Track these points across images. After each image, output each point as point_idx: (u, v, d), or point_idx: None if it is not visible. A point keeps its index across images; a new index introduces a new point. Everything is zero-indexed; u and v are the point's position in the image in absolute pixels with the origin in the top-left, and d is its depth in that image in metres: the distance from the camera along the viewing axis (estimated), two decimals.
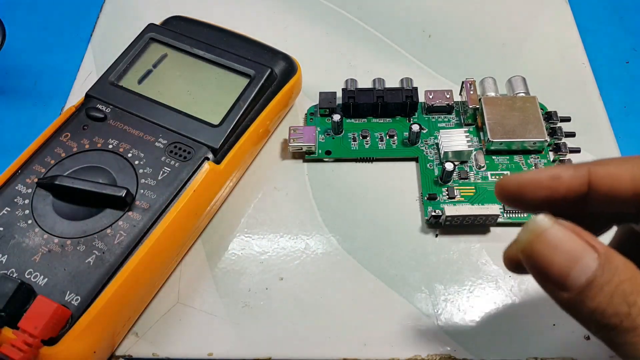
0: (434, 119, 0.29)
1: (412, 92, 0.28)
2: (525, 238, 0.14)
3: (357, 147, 0.27)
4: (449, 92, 0.28)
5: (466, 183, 0.26)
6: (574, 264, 0.14)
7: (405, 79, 0.29)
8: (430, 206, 0.26)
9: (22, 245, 0.21)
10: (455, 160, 0.27)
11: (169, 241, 0.22)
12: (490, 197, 0.26)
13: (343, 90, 0.28)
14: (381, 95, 0.28)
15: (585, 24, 0.35)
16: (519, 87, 0.28)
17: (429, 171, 0.27)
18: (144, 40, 0.27)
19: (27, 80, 0.32)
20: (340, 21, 0.35)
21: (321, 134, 0.28)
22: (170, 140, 0.24)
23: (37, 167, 0.23)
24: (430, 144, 0.28)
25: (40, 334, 0.18)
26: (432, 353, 0.22)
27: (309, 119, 0.29)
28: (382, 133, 0.28)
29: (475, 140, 0.28)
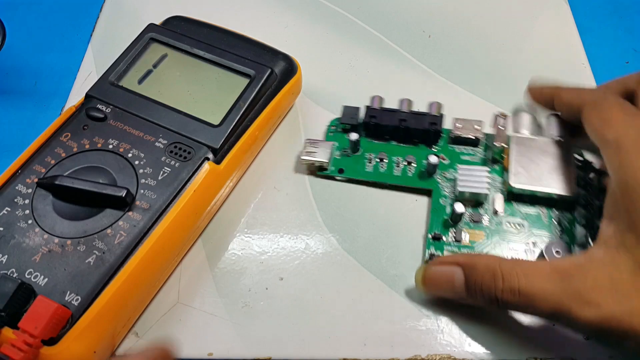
0: (458, 150, 0.27)
1: (438, 120, 0.26)
2: (418, 285, 0.22)
3: (371, 169, 0.26)
4: (480, 124, 0.26)
5: (477, 227, 0.24)
6: (452, 282, 0.21)
7: (434, 103, 0.27)
8: (432, 246, 0.24)
9: (23, 245, 0.21)
10: (470, 200, 0.24)
11: (169, 241, 0.22)
12: (500, 247, 0.24)
13: (367, 107, 0.27)
14: (404, 118, 0.26)
15: (585, 24, 0.35)
16: (554, 128, 0.25)
17: (440, 207, 0.25)
18: (144, 41, 0.27)
19: (27, 80, 0.32)
20: (340, 21, 0.35)
21: (337, 150, 0.27)
22: (170, 140, 0.24)
23: (37, 167, 0.23)
24: (448, 177, 0.26)
25: (41, 334, 0.18)
26: (432, 353, 0.22)
27: (329, 133, 0.28)
28: (400, 158, 0.26)
29: (498, 180, 0.25)
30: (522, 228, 0.24)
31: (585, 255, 0.20)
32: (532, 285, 0.19)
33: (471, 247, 0.24)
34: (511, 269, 0.19)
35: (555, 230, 0.24)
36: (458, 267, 0.21)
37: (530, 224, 0.24)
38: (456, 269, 0.21)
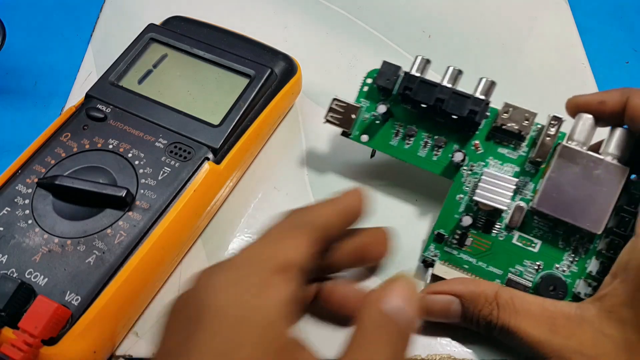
0: (498, 140, 0.23)
1: (481, 107, 0.22)
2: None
3: (396, 143, 0.24)
4: (532, 116, 0.22)
5: (484, 235, 0.22)
6: (446, 313, 0.21)
7: (487, 82, 0.22)
8: (433, 244, 0.23)
9: (23, 245, 0.21)
10: (487, 208, 0.22)
11: (169, 241, 0.22)
12: (501, 262, 0.22)
13: (404, 74, 0.23)
14: (443, 98, 0.22)
15: (585, 24, 0.35)
16: (614, 146, 0.21)
17: (454, 204, 0.23)
18: (144, 41, 0.27)
19: (27, 81, 0.32)
20: (340, 21, 0.35)
21: (367, 112, 0.24)
22: (170, 140, 0.24)
23: (37, 167, 0.23)
24: (475, 170, 0.23)
25: (41, 334, 0.18)
26: (432, 353, 0.22)
27: (363, 88, 0.25)
28: (430, 138, 0.24)
29: (530, 188, 0.22)
30: (532, 247, 0.22)
31: (578, 308, 0.19)
32: (519, 326, 0.19)
33: (471, 255, 0.22)
34: (506, 302, 0.20)
35: (567, 257, 0.22)
36: (455, 297, 0.21)
37: (543, 245, 0.22)
38: (453, 300, 0.21)
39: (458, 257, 0.23)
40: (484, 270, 0.22)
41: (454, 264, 0.23)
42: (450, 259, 0.23)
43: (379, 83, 0.24)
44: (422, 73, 0.23)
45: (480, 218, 0.23)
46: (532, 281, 0.22)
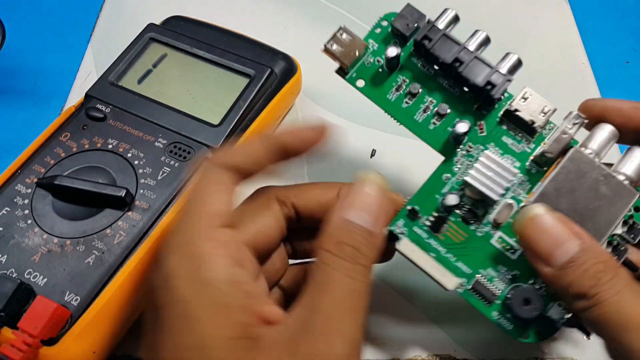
0: (505, 127, 0.21)
1: (501, 81, 0.20)
2: (520, 219, 0.18)
3: (393, 99, 0.21)
4: (550, 109, 0.20)
5: (462, 226, 0.20)
6: (557, 246, 0.17)
7: (513, 57, 0.20)
8: (402, 220, 0.20)
9: (22, 245, 0.21)
10: (475, 197, 0.20)
11: None
12: (473, 260, 0.20)
13: (428, 22, 0.21)
14: (462, 60, 0.20)
15: (585, 23, 0.35)
16: (631, 167, 0.19)
17: (439, 183, 0.20)
18: (144, 40, 0.27)
19: (27, 80, 0.32)
20: (340, 21, 0.35)
21: (372, 56, 0.21)
22: (170, 140, 0.24)
23: (36, 167, 0.23)
24: (472, 152, 0.20)
25: (40, 334, 0.18)
26: (432, 353, 0.22)
27: (376, 29, 0.22)
28: (434, 102, 0.21)
29: (526, 187, 0.20)
30: (511, 253, 0.20)
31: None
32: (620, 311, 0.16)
33: (441, 243, 0.20)
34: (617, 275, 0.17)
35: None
36: (578, 239, 0.17)
37: (524, 255, 0.19)
38: (573, 239, 0.17)
39: (426, 242, 0.20)
40: (450, 265, 0.19)
41: (419, 247, 0.20)
42: (417, 243, 0.20)
43: (396, 25, 0.21)
44: (446, 28, 0.21)
45: (463, 206, 0.20)
46: (502, 290, 0.19)
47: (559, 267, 0.17)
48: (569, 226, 0.17)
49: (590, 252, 0.17)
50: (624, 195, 0.18)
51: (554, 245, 0.17)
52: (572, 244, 0.17)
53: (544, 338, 0.19)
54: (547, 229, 0.17)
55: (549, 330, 0.19)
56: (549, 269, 0.17)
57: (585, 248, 0.17)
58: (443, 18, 0.21)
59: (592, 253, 0.17)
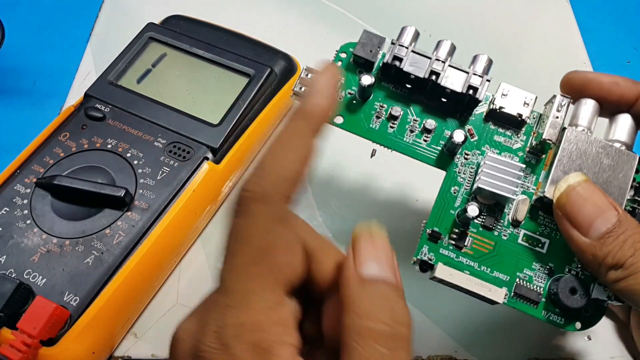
0: (493, 126, 0.20)
1: (481, 83, 0.19)
2: (562, 187, 0.18)
3: (377, 126, 0.20)
4: (531, 99, 0.20)
5: (486, 234, 0.19)
6: (597, 215, 0.17)
7: (483, 57, 0.20)
8: (426, 246, 0.19)
9: (21, 246, 0.21)
10: (488, 201, 0.20)
11: (168, 241, 0.22)
12: (507, 266, 0.19)
13: (393, 42, 0.20)
14: (438, 71, 0.19)
15: (586, 23, 0.35)
16: (622, 133, 0.20)
17: (449, 198, 0.20)
18: (143, 40, 0.27)
19: (26, 80, 0.32)
20: (340, 20, 0.35)
21: (343, 90, 0.21)
22: (169, 140, 0.24)
23: (35, 167, 0.23)
24: (471, 159, 0.20)
25: (39, 335, 0.18)
26: (433, 354, 0.22)
27: (337, 61, 0.21)
28: (418, 121, 0.20)
29: (531, 179, 0.20)
30: (540, 247, 0.19)
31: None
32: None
33: (472, 257, 0.19)
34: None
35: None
36: (615, 210, 0.17)
37: (552, 245, 0.19)
38: (612, 210, 0.17)
39: (457, 262, 0.19)
40: (488, 277, 0.19)
41: (454, 268, 0.19)
42: (449, 264, 0.19)
43: (359, 54, 0.20)
44: (410, 45, 0.20)
45: (481, 213, 0.20)
46: (544, 287, 0.19)
47: (598, 237, 0.17)
48: (606, 196, 0.18)
49: (627, 223, 0.17)
50: (626, 160, 0.19)
51: (594, 215, 0.17)
52: (611, 214, 0.17)
53: (597, 321, 0.19)
54: (588, 197, 0.18)
55: (598, 311, 0.19)
56: (586, 239, 0.17)
57: (622, 219, 0.17)
58: (405, 36, 0.20)
59: (629, 224, 0.17)
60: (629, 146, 0.20)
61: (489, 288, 0.19)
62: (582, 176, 0.18)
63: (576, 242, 0.17)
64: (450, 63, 0.20)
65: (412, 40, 0.20)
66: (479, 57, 0.20)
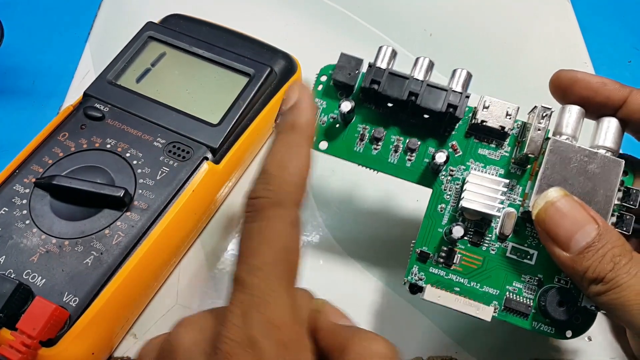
0: (477, 140, 0.20)
1: (460, 101, 0.19)
2: (540, 204, 0.18)
3: (361, 149, 0.21)
4: (513, 110, 0.20)
5: (474, 250, 0.20)
6: (576, 230, 0.17)
7: (462, 72, 0.20)
8: (416, 266, 0.20)
9: (20, 246, 0.21)
10: (475, 217, 0.20)
11: (168, 242, 0.22)
12: (497, 280, 0.19)
13: (369, 67, 0.20)
14: (416, 92, 0.19)
15: (587, 22, 0.35)
16: (608, 139, 0.19)
17: (436, 216, 0.20)
18: (143, 39, 0.27)
19: (25, 80, 0.32)
20: (340, 19, 0.35)
21: (324, 114, 0.21)
22: (168, 139, 0.24)
23: (34, 166, 0.23)
24: (456, 175, 0.20)
25: (39, 335, 0.18)
26: (433, 355, 0.22)
27: (317, 87, 0.21)
28: (401, 140, 0.21)
29: (517, 191, 0.20)
30: (528, 259, 0.20)
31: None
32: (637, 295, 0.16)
33: (461, 274, 0.20)
34: (632, 258, 0.17)
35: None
36: (595, 223, 0.17)
37: (540, 256, 0.19)
38: (592, 223, 0.17)
39: (447, 279, 0.19)
40: (478, 292, 0.19)
41: (443, 287, 0.19)
42: (439, 282, 0.19)
43: (338, 78, 0.20)
44: (388, 66, 0.20)
45: (468, 230, 0.20)
46: (533, 299, 0.19)
47: (578, 252, 0.17)
48: (586, 209, 0.18)
49: (607, 236, 0.17)
50: (612, 166, 0.19)
51: (573, 230, 0.17)
52: (590, 227, 0.17)
53: (587, 328, 0.19)
54: (567, 212, 0.17)
55: (588, 319, 0.19)
56: (567, 254, 0.17)
57: (602, 232, 0.17)
58: (382, 57, 0.20)
59: (609, 237, 0.17)
60: (615, 151, 0.19)
61: (477, 307, 0.19)
62: (560, 191, 0.18)
63: (557, 257, 0.18)
64: (429, 81, 0.20)
65: (390, 60, 0.20)
66: (457, 72, 0.20)
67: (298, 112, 0.16)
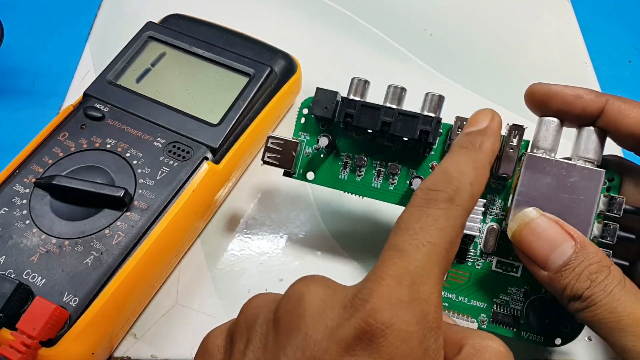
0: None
1: (432, 125, 0.20)
2: (514, 226, 0.18)
3: (346, 177, 0.22)
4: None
5: (460, 266, 0.20)
6: (553, 249, 0.17)
7: (434, 97, 0.20)
8: None
9: (20, 246, 0.21)
10: None
11: (168, 242, 0.22)
12: (483, 294, 0.20)
13: (342, 100, 0.21)
14: (389, 121, 0.20)
15: (587, 22, 0.35)
16: (588, 149, 0.19)
17: None
18: (143, 39, 0.27)
19: (25, 80, 0.32)
20: (340, 19, 0.35)
21: (309, 146, 0.22)
22: (168, 139, 0.24)
23: (34, 166, 0.23)
24: None
25: (39, 336, 0.18)
26: None
27: (300, 119, 0.22)
28: (383, 165, 0.21)
29: (498, 205, 0.20)
30: (513, 272, 0.20)
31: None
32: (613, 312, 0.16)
33: (449, 290, 0.20)
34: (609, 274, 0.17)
35: None
36: (572, 240, 0.17)
37: (525, 268, 0.19)
38: (568, 241, 0.17)
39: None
40: (466, 306, 0.20)
41: None
42: None
43: (316, 113, 0.21)
44: (361, 96, 0.21)
45: None
46: (521, 310, 0.20)
47: (555, 271, 0.17)
48: (562, 226, 0.18)
49: (584, 252, 0.17)
50: (592, 177, 0.19)
51: (549, 249, 0.17)
52: (566, 246, 0.17)
53: (576, 335, 0.19)
54: (542, 232, 0.18)
55: (576, 328, 0.19)
56: (545, 273, 0.17)
57: (578, 250, 0.17)
58: (354, 88, 0.21)
59: (586, 254, 0.17)
60: (595, 161, 0.19)
61: (461, 322, 0.20)
62: (534, 212, 0.18)
63: (537, 276, 0.18)
64: (400, 109, 0.20)
65: (363, 91, 0.21)
66: (429, 97, 0.20)
67: (487, 136, 0.18)
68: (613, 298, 0.16)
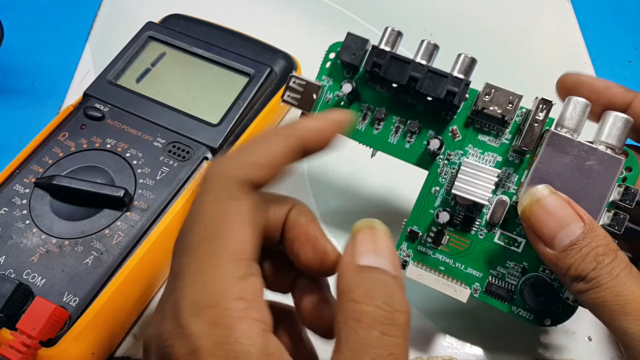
0: (478, 125, 0.20)
1: (460, 87, 0.19)
2: (526, 201, 0.18)
3: (363, 127, 0.21)
4: (517, 99, 0.19)
5: (463, 234, 0.20)
6: (561, 228, 0.17)
7: (467, 58, 0.20)
8: (405, 243, 0.20)
9: (20, 246, 0.21)
10: (466, 203, 0.20)
11: (168, 242, 0.22)
12: (481, 263, 0.20)
13: (372, 49, 0.20)
14: (417, 77, 0.19)
15: (587, 22, 0.35)
16: (611, 135, 0.19)
17: (429, 198, 0.21)
18: (143, 39, 0.27)
19: (25, 80, 0.32)
20: (340, 19, 0.35)
21: (331, 91, 0.21)
22: (168, 139, 0.24)
23: (34, 166, 0.23)
24: (453, 159, 0.20)
25: (39, 336, 0.18)
26: (433, 355, 0.22)
27: (326, 63, 0.22)
28: (403, 121, 0.21)
29: (513, 179, 0.20)
30: (515, 247, 0.20)
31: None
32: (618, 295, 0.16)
33: (448, 255, 0.20)
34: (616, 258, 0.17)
35: None
36: (581, 221, 0.17)
37: (528, 244, 0.20)
38: (577, 221, 0.17)
39: (433, 258, 0.20)
40: (462, 273, 0.20)
41: (428, 265, 0.20)
42: (425, 260, 0.20)
43: (343, 58, 0.20)
44: (392, 48, 0.20)
45: (459, 214, 0.20)
46: (516, 285, 0.20)
47: (561, 250, 0.17)
48: (573, 207, 0.17)
49: (592, 234, 0.17)
50: (611, 164, 0.18)
51: (558, 228, 0.17)
52: (575, 226, 0.17)
53: (567, 317, 0.19)
54: (552, 210, 0.17)
55: (567, 311, 0.19)
56: (551, 251, 0.17)
57: (587, 231, 0.17)
58: (386, 38, 0.20)
59: (594, 236, 0.17)
60: (617, 148, 0.19)
61: (455, 288, 0.20)
62: (546, 189, 0.18)
63: (542, 253, 0.18)
64: (431, 66, 0.20)
65: (395, 42, 0.20)
66: (461, 58, 0.20)
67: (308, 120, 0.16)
68: (619, 281, 0.16)
